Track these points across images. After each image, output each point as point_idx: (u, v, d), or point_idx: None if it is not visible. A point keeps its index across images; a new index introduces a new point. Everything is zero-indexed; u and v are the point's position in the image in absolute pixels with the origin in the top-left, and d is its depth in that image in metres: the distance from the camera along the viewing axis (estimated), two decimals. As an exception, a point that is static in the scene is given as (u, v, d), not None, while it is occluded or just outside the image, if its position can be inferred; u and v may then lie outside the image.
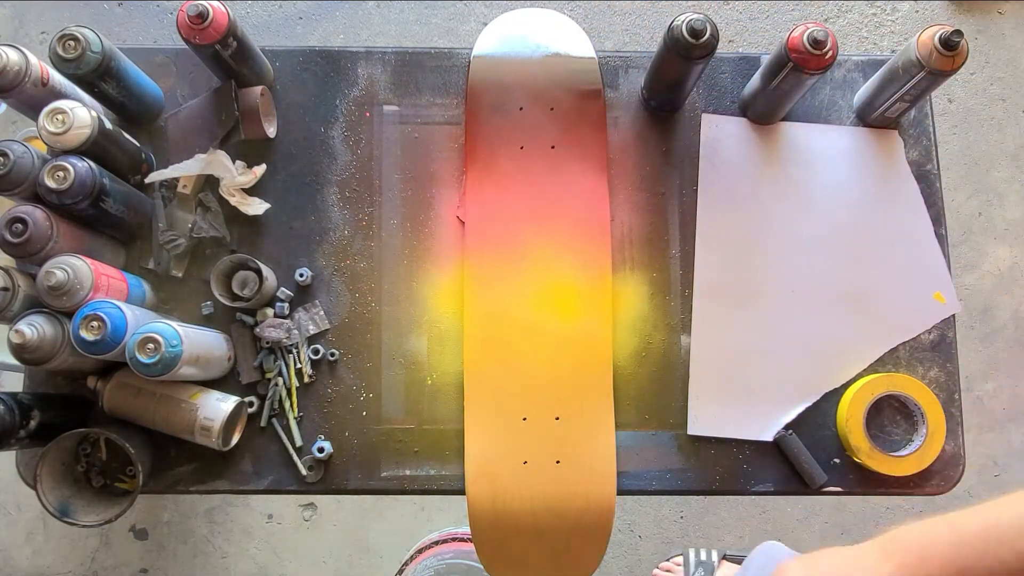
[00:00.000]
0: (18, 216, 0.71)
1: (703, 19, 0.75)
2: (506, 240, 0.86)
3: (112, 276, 0.75)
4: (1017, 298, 1.69)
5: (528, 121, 0.88)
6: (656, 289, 0.87)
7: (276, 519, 1.58)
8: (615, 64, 0.92)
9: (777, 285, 0.87)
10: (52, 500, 0.75)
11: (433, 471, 0.84)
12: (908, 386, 0.83)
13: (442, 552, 1.06)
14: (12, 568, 1.56)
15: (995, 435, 1.64)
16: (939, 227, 0.88)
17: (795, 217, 0.88)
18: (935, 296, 0.87)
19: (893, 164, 0.89)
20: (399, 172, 0.89)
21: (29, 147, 0.73)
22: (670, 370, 0.86)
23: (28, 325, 0.69)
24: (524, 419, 0.82)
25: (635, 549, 1.58)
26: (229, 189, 0.84)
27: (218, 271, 0.81)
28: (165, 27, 1.75)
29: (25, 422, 0.73)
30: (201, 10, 0.75)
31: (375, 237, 0.88)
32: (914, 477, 0.83)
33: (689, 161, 0.90)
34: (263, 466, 0.83)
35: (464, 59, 0.91)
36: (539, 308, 0.84)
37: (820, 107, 0.91)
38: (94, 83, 0.78)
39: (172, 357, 0.70)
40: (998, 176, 1.74)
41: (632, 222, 0.89)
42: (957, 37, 0.75)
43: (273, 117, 0.89)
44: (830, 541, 1.59)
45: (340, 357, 0.85)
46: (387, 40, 1.76)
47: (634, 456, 0.84)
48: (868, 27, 1.80)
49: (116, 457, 0.81)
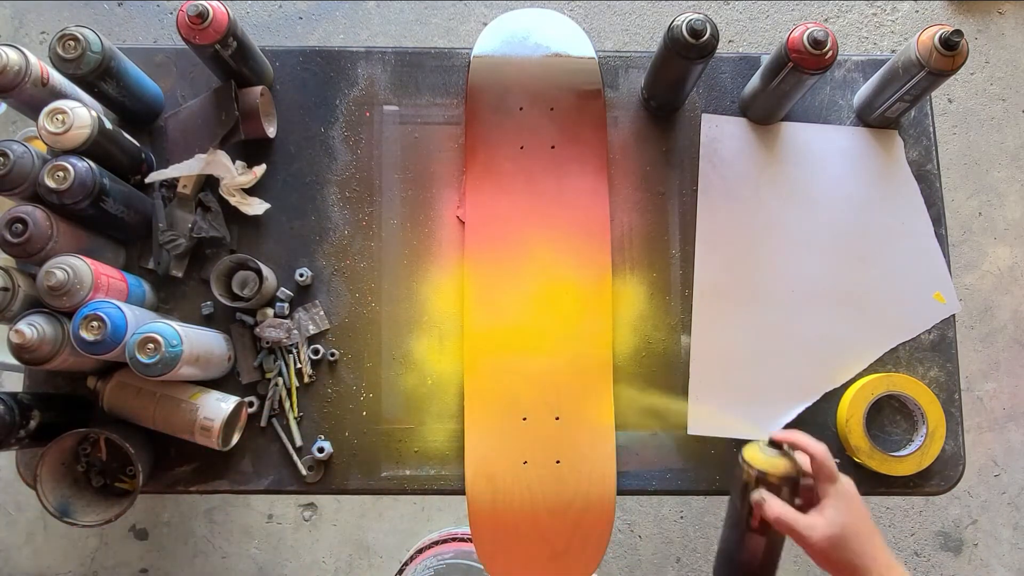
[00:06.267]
0: (18, 216, 0.71)
1: (703, 19, 0.75)
2: (506, 240, 0.86)
3: (112, 276, 0.75)
4: (1017, 298, 1.69)
5: (528, 121, 0.88)
6: (656, 289, 0.87)
7: (276, 519, 1.58)
8: (615, 64, 0.92)
9: (777, 285, 0.87)
10: (52, 500, 0.75)
11: (433, 471, 0.84)
12: (908, 386, 0.83)
13: (442, 552, 1.06)
14: (12, 568, 1.56)
15: (995, 435, 1.64)
16: (939, 227, 0.88)
17: (795, 217, 0.88)
18: (935, 296, 0.87)
19: (893, 164, 0.89)
20: (399, 172, 0.89)
21: (29, 147, 0.73)
22: (670, 370, 0.86)
23: (28, 325, 0.69)
24: (524, 419, 0.82)
25: (635, 549, 1.58)
26: (229, 189, 0.84)
27: (218, 271, 0.81)
28: (165, 27, 1.75)
29: (25, 422, 0.73)
30: (201, 10, 0.75)
31: (375, 237, 0.88)
32: (914, 477, 0.83)
33: (689, 161, 0.90)
34: (263, 466, 0.83)
35: (464, 59, 0.91)
36: (539, 308, 0.84)
37: (820, 107, 0.91)
38: (94, 83, 0.78)
39: (172, 357, 0.70)
40: (998, 176, 1.74)
41: (632, 222, 0.89)
42: (957, 37, 0.75)
43: (273, 117, 0.89)
44: (830, 541, 1.59)
45: (340, 357, 0.85)
46: (387, 40, 1.76)
47: (634, 456, 0.84)
48: (868, 27, 1.80)
49: (116, 457, 0.81)
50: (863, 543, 0.63)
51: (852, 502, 0.64)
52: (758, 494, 0.65)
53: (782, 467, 0.65)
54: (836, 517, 0.63)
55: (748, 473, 0.66)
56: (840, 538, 0.62)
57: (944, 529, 1.59)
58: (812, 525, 0.63)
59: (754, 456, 0.67)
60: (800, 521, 0.63)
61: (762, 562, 0.67)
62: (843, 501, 0.64)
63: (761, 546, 0.66)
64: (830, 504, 0.64)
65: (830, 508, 0.64)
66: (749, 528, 0.67)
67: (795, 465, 0.66)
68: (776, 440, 0.67)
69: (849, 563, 0.62)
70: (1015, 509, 1.62)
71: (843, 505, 0.64)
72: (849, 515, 0.63)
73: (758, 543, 0.66)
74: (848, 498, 0.65)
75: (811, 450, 0.66)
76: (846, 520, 0.63)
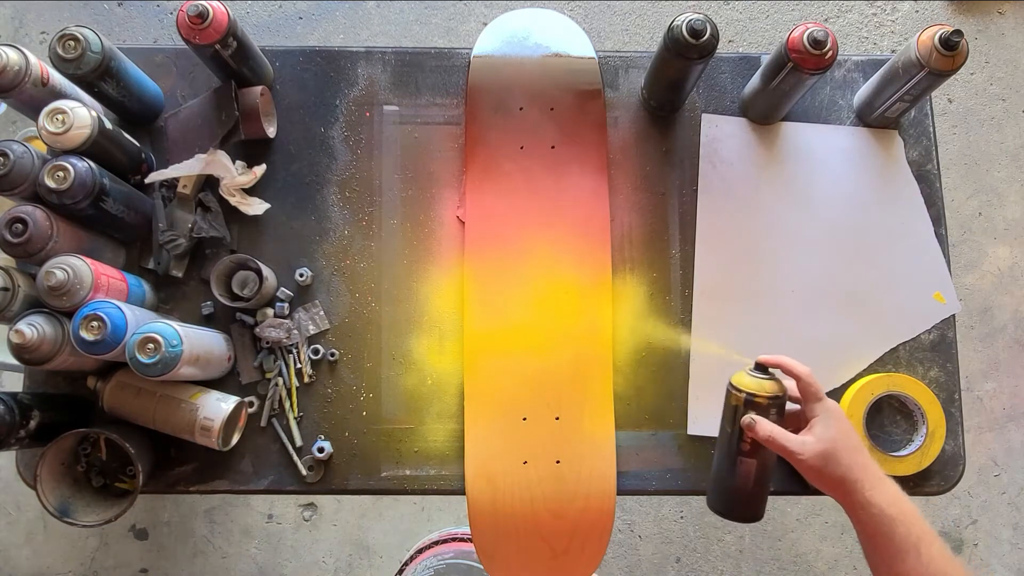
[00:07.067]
0: (18, 216, 0.71)
1: (703, 19, 0.75)
2: (506, 240, 0.86)
3: (112, 276, 0.75)
4: (1017, 298, 1.69)
5: (528, 121, 0.88)
6: (656, 289, 0.87)
7: (276, 519, 1.58)
8: (615, 64, 0.92)
9: (777, 285, 0.87)
10: (52, 500, 0.75)
11: (433, 471, 0.83)
12: (908, 386, 0.83)
13: (442, 552, 1.06)
14: (12, 568, 1.56)
15: (995, 435, 1.64)
16: (939, 227, 0.88)
17: (795, 217, 0.88)
18: (935, 296, 0.87)
19: (893, 164, 0.89)
20: (399, 172, 0.89)
21: (29, 147, 0.73)
22: (670, 370, 0.86)
23: (28, 325, 0.69)
24: (524, 419, 0.82)
25: (635, 549, 1.58)
26: (229, 189, 0.84)
27: (218, 271, 0.81)
28: (165, 27, 1.75)
29: (25, 422, 0.73)
30: (201, 10, 0.75)
31: (375, 237, 0.88)
32: (914, 477, 0.83)
33: (689, 161, 0.90)
34: (263, 466, 0.83)
35: (464, 59, 0.91)
36: (539, 308, 0.84)
37: (820, 107, 0.91)
38: (94, 83, 0.78)
39: (172, 357, 0.70)
40: (998, 176, 1.74)
41: (632, 222, 0.89)
42: (957, 37, 0.75)
43: (273, 117, 0.89)
44: (830, 541, 1.59)
45: (340, 357, 0.85)
46: (387, 40, 1.76)
47: (634, 456, 0.84)
48: (868, 27, 1.80)
49: (116, 457, 0.81)
50: (853, 456, 0.65)
51: (840, 420, 0.67)
52: (748, 417, 0.67)
53: (769, 388, 0.68)
54: (825, 433, 0.66)
55: (737, 397, 0.69)
56: (831, 452, 0.65)
57: (944, 529, 1.59)
58: (803, 442, 0.66)
59: (741, 380, 0.70)
60: (791, 439, 0.66)
61: (754, 486, 0.70)
62: (831, 419, 0.67)
63: (753, 469, 0.69)
64: (819, 422, 0.67)
65: (819, 425, 0.66)
66: (740, 452, 0.69)
67: (782, 386, 0.69)
68: (762, 363, 0.70)
69: (841, 477, 0.65)
70: (1015, 509, 1.62)
71: (832, 422, 0.67)
72: (838, 431, 0.66)
73: (749, 467, 0.69)
74: (836, 416, 0.67)
75: (796, 371, 0.69)
76: (835, 435, 0.66)
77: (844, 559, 1.59)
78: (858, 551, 1.57)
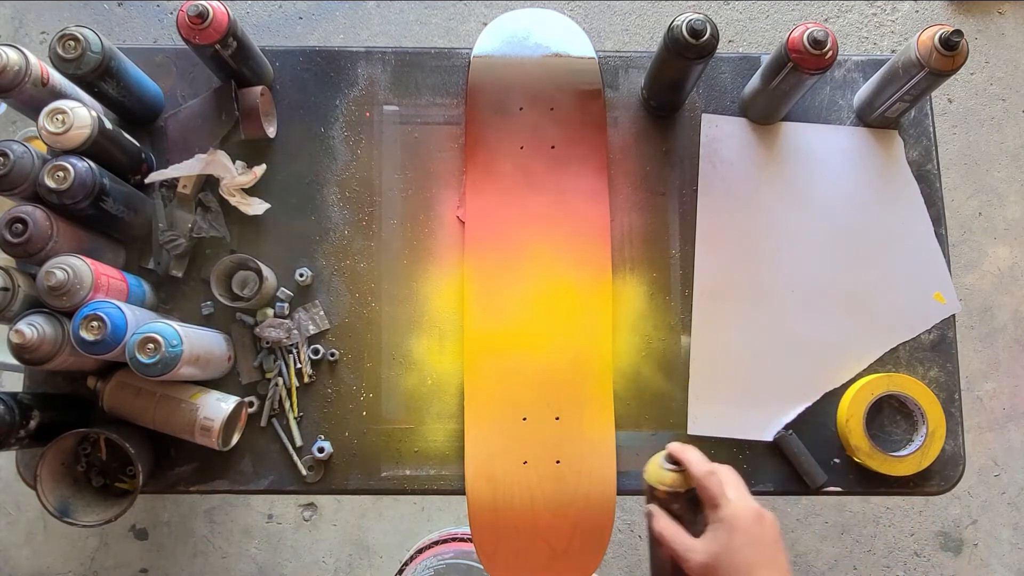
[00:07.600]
0: (18, 216, 0.71)
1: (703, 19, 0.75)
2: (506, 240, 0.86)
3: (112, 276, 0.75)
4: (1017, 298, 1.69)
5: (528, 121, 0.88)
6: (656, 289, 0.87)
7: (276, 519, 1.58)
8: (615, 64, 0.92)
9: (777, 285, 0.87)
10: (52, 500, 0.75)
11: (433, 471, 0.84)
12: (908, 386, 0.83)
13: (442, 552, 1.06)
14: (12, 568, 1.56)
15: (995, 435, 1.64)
16: (939, 227, 0.88)
17: (795, 217, 0.88)
18: (935, 296, 0.87)
19: (893, 164, 0.89)
20: (399, 172, 0.89)
21: (29, 147, 0.73)
22: (670, 370, 0.86)
23: (28, 325, 0.69)
24: (524, 419, 0.82)
25: (635, 549, 1.58)
26: (229, 189, 0.84)
27: (218, 271, 0.81)
28: (165, 27, 1.75)
29: (25, 422, 0.73)
30: (201, 10, 0.75)
31: (375, 237, 0.88)
32: (914, 477, 0.83)
33: (689, 161, 0.90)
34: (263, 466, 0.83)
35: (464, 59, 0.91)
36: (539, 308, 0.84)
37: (820, 107, 0.91)
38: (94, 83, 0.78)
39: (172, 357, 0.70)
40: (998, 176, 1.74)
41: (632, 222, 0.89)
42: (957, 37, 0.75)
43: (273, 117, 0.89)
44: (830, 541, 1.59)
45: (340, 357, 0.85)
46: (387, 40, 1.76)
47: (634, 456, 0.84)
48: (868, 27, 1.80)
49: (116, 457, 0.81)
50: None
51: (733, 532, 0.59)
52: (647, 508, 0.64)
53: (669, 481, 0.63)
54: (710, 546, 0.59)
55: (644, 485, 0.65)
56: (712, 568, 0.58)
57: (944, 529, 1.59)
58: (691, 548, 0.60)
59: (648, 468, 0.65)
60: (679, 543, 0.60)
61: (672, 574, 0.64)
62: (723, 530, 0.59)
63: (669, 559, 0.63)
64: (710, 530, 0.60)
65: (709, 534, 0.60)
66: (653, 540, 0.64)
67: (685, 480, 0.63)
68: (669, 454, 0.64)
69: None
70: (1015, 509, 1.62)
71: (722, 534, 0.59)
72: (726, 546, 0.58)
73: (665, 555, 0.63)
74: (729, 528, 0.59)
75: (692, 471, 0.62)
76: (720, 551, 0.58)
77: (844, 559, 1.59)
78: (858, 551, 1.58)
